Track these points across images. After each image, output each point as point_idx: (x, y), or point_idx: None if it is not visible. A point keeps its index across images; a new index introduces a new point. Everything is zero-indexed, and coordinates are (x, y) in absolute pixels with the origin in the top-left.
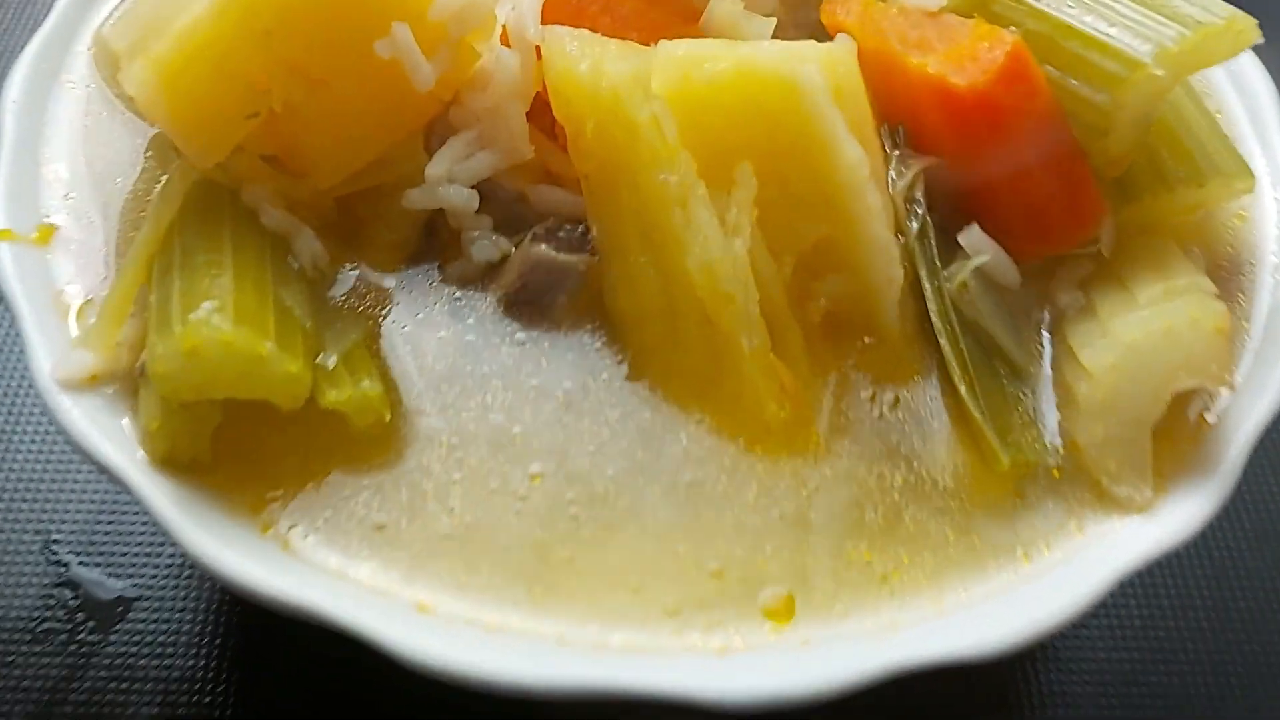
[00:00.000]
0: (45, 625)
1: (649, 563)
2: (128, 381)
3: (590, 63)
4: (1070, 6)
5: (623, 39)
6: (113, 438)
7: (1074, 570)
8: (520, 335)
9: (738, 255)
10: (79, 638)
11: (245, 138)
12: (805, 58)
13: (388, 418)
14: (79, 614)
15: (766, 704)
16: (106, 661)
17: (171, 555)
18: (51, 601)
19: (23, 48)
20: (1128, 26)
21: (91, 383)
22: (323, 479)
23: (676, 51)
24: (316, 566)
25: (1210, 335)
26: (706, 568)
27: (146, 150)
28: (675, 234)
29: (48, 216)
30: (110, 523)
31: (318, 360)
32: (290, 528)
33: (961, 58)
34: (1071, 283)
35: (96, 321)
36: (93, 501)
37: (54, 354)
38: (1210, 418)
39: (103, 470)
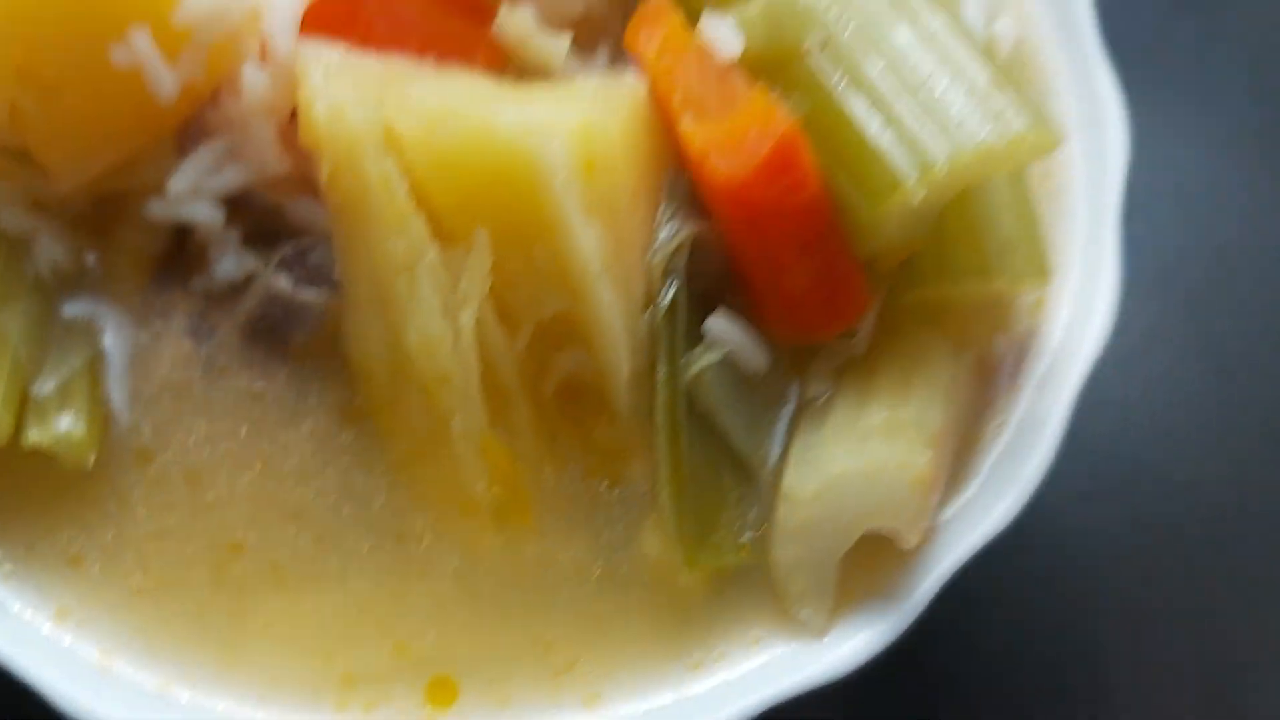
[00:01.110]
0: None
1: (346, 628)
2: None
3: (328, 104)
4: (864, 91)
5: (401, 47)
6: None
7: (732, 687)
8: (250, 370)
9: (461, 331)
10: None
11: None
12: (553, 131)
13: (90, 463)
14: None
15: None
16: None
17: None
18: None
19: None
20: (904, 134)
21: None
22: (26, 509)
23: (424, 101)
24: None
25: (909, 486)
26: (395, 637)
27: None
28: (399, 301)
29: None
30: None
31: (33, 388)
32: None
33: (728, 139)
34: (824, 373)
35: None
36: None
37: None
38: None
39: None
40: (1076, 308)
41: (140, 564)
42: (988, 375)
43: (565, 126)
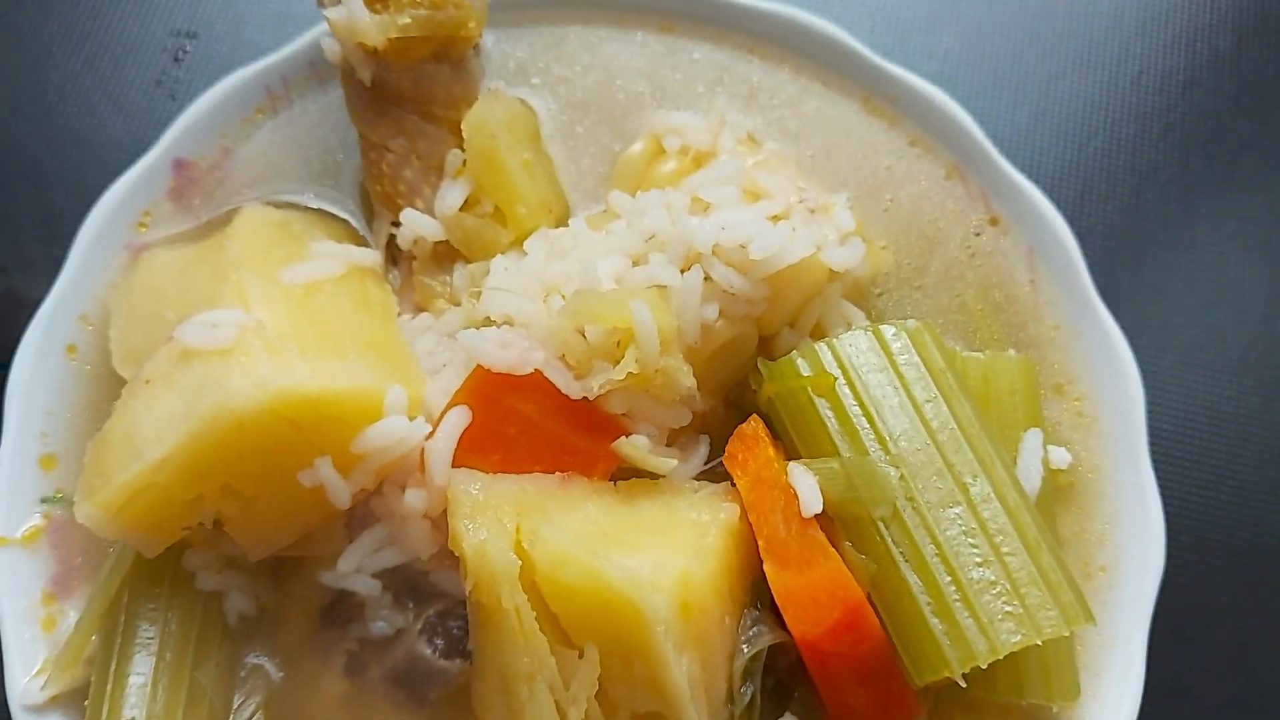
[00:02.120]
0: None
1: None
2: (78, 699)
3: (472, 546)
4: (920, 571)
5: (537, 462)
6: None
7: None
8: (394, 710)
9: None
10: None
11: None
12: (657, 587)
13: None
14: None
15: None
16: None
17: None
18: None
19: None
20: (951, 624)
21: (52, 703)
22: None
23: (552, 542)
24: None
25: None
26: None
27: None
28: (520, 702)
29: (35, 517)
30: None
31: None
32: None
33: (803, 598)
34: None
35: (58, 659)
36: None
37: (25, 672)
38: None
39: None
40: (1104, 708)
41: None
42: None
43: (667, 580)
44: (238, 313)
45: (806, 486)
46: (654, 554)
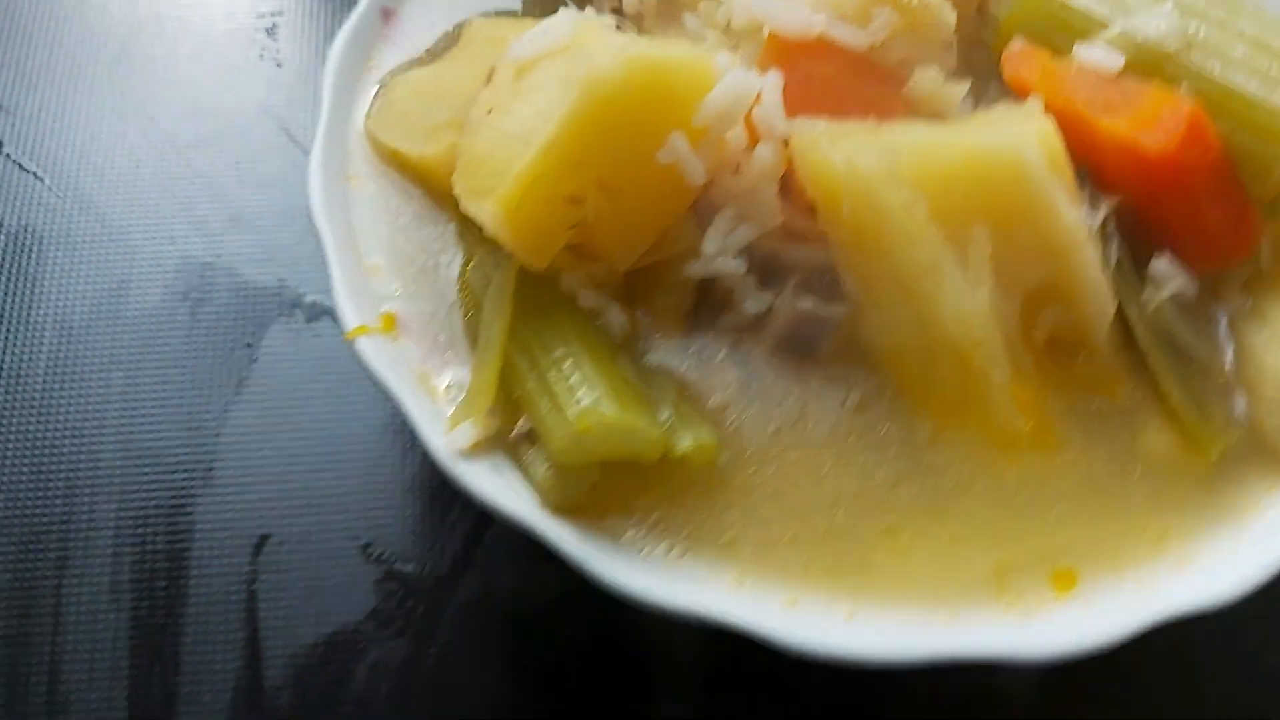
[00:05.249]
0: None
1: (966, 542)
2: (502, 445)
3: (844, 156)
4: (1239, 68)
5: (845, 115)
6: (513, 494)
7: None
8: (790, 381)
9: (982, 305)
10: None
11: None
12: (1027, 139)
13: (721, 460)
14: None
15: (1059, 658)
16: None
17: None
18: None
19: None
20: None
21: (475, 450)
22: (677, 509)
23: (918, 140)
24: (688, 577)
25: None
26: (1016, 546)
27: (459, 236)
28: (928, 295)
29: (384, 307)
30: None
31: (660, 418)
32: (664, 548)
33: (1147, 122)
34: (1236, 290)
35: (467, 401)
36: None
37: (439, 430)
38: None
39: (511, 522)
40: None
41: (772, 532)
42: None
43: (1033, 135)
44: (559, 16)
45: (1099, 53)
46: (1007, 124)
